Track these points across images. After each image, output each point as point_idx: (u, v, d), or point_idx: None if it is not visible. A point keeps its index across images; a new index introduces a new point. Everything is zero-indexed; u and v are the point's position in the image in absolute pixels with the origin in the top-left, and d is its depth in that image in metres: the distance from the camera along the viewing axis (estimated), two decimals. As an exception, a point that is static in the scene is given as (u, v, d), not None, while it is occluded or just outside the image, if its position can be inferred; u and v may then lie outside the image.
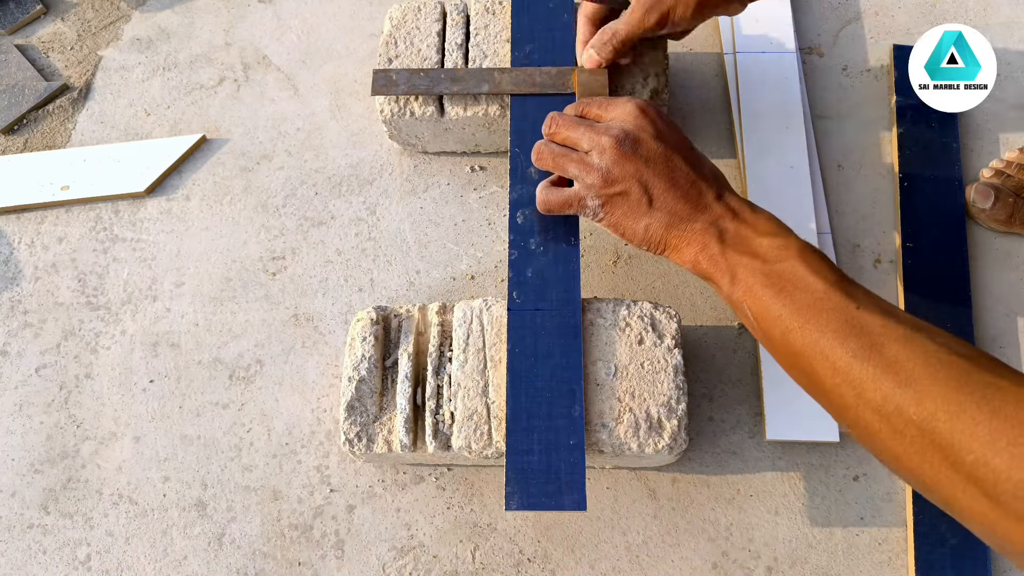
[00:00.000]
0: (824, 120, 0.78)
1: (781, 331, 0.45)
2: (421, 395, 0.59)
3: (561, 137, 0.55)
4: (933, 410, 0.37)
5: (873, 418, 0.40)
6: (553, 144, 0.56)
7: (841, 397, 0.42)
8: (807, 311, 0.44)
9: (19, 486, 0.66)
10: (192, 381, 0.69)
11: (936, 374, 0.38)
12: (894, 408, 0.39)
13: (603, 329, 0.58)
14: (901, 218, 0.72)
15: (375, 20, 0.85)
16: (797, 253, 0.47)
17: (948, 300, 0.69)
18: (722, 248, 0.49)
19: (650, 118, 0.53)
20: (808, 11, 0.83)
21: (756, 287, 0.47)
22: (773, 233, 0.49)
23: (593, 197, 0.53)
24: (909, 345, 0.40)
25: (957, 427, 0.36)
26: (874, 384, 0.40)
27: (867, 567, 0.61)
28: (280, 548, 0.63)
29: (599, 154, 0.52)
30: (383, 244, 0.73)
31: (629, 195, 0.52)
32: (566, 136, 0.55)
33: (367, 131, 0.79)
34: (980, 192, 0.70)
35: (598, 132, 0.53)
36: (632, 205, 0.52)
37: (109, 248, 0.74)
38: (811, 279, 0.45)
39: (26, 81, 0.82)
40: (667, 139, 0.53)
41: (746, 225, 0.50)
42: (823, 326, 0.43)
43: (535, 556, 0.62)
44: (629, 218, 0.52)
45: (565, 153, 0.54)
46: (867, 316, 0.42)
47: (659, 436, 0.56)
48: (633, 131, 0.52)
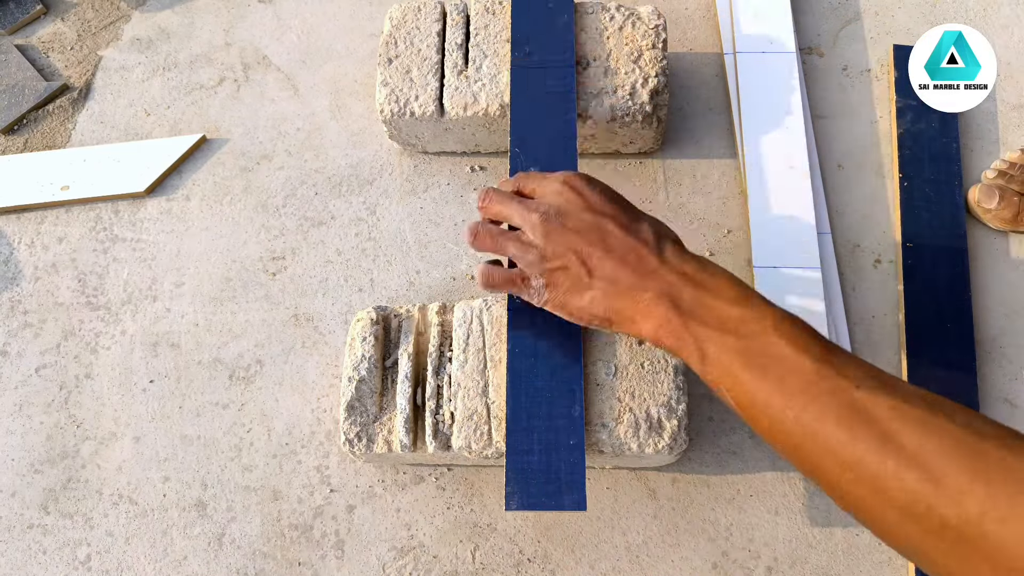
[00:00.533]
0: (824, 120, 0.78)
1: (770, 420, 0.41)
2: (421, 395, 0.59)
3: (493, 212, 0.54)
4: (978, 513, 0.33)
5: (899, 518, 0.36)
6: (490, 224, 0.54)
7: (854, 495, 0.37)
8: (799, 397, 0.39)
9: (19, 486, 0.66)
10: (192, 381, 0.69)
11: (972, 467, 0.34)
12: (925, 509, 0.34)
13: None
14: (901, 218, 0.72)
15: (375, 20, 0.85)
16: (773, 326, 0.42)
17: (948, 300, 0.69)
18: (683, 320, 0.45)
19: (576, 189, 0.52)
20: (808, 11, 0.83)
21: (733, 369, 0.42)
22: (740, 301, 0.44)
23: (536, 276, 0.51)
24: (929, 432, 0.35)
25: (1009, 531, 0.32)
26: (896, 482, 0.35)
27: (867, 567, 0.61)
28: (280, 548, 0.63)
29: (531, 231, 0.51)
30: (383, 244, 0.73)
31: (569, 269, 0.49)
32: (498, 210, 0.54)
33: (367, 131, 0.79)
34: (985, 191, 0.70)
35: (529, 209, 0.52)
36: (572, 280, 0.49)
37: (109, 248, 0.74)
38: (797, 358, 0.40)
39: (26, 81, 0.82)
40: (596, 207, 0.51)
41: (704, 291, 0.45)
42: (821, 415, 0.38)
43: (535, 556, 0.62)
44: (572, 294, 0.50)
45: (502, 233, 0.53)
46: (871, 398, 0.38)
47: (659, 436, 0.56)
48: (561, 204, 0.51)
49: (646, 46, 0.68)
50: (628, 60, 0.67)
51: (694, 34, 0.82)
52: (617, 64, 0.67)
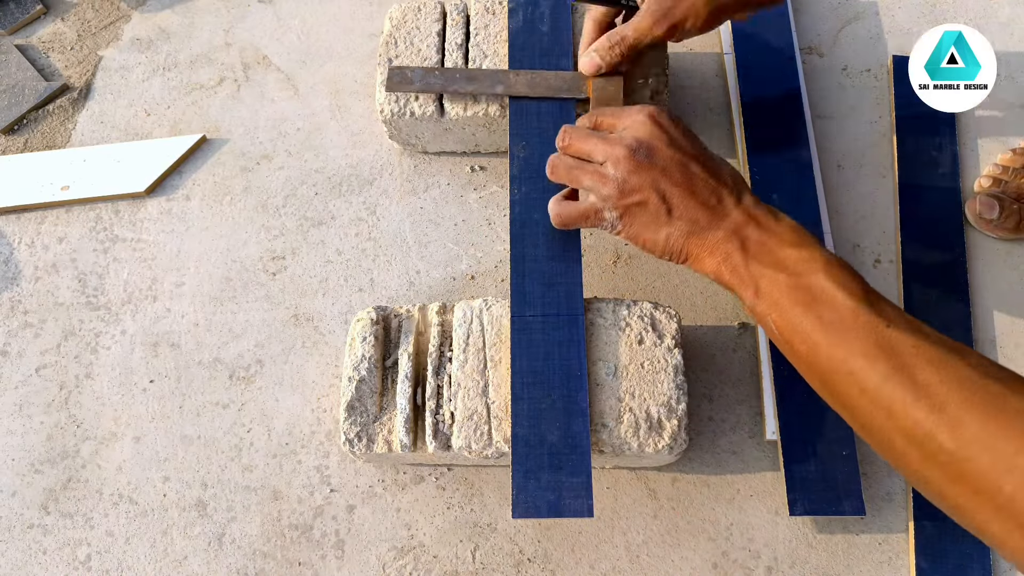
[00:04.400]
0: (824, 120, 0.78)
1: (808, 348, 0.44)
2: (421, 395, 0.59)
3: (575, 150, 0.54)
4: (969, 438, 0.36)
5: (903, 442, 0.39)
6: (567, 157, 0.55)
7: (870, 418, 0.41)
8: (835, 328, 0.43)
9: (19, 486, 0.66)
10: (192, 381, 0.69)
11: (971, 399, 0.37)
12: (925, 434, 0.38)
13: (603, 329, 0.58)
14: (901, 218, 0.72)
15: (375, 20, 0.85)
16: (823, 266, 0.46)
17: (948, 300, 0.69)
18: (745, 259, 0.48)
19: (663, 126, 0.52)
20: (808, 11, 0.83)
21: (781, 301, 0.46)
22: (798, 244, 0.48)
23: (610, 209, 0.52)
24: (942, 368, 0.39)
25: (994, 456, 0.35)
26: (905, 408, 0.39)
27: (867, 567, 0.61)
28: (280, 548, 0.63)
29: (614, 165, 0.51)
30: (383, 244, 0.73)
31: (647, 205, 0.51)
32: (579, 148, 0.54)
33: (367, 131, 0.79)
34: (984, 203, 0.70)
35: (611, 143, 0.52)
36: (651, 215, 0.51)
37: (109, 248, 0.74)
38: (839, 295, 0.44)
39: (26, 81, 0.82)
40: (682, 146, 0.52)
41: (769, 234, 0.49)
42: (852, 345, 0.42)
43: (535, 556, 0.62)
44: (649, 229, 0.51)
45: (579, 165, 0.53)
46: (898, 335, 0.41)
47: (659, 436, 0.56)
48: (647, 140, 0.51)
49: (646, 46, 0.68)
50: (628, 60, 0.67)
51: (694, 34, 0.82)
52: (617, 64, 0.67)
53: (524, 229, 0.60)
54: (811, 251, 0.47)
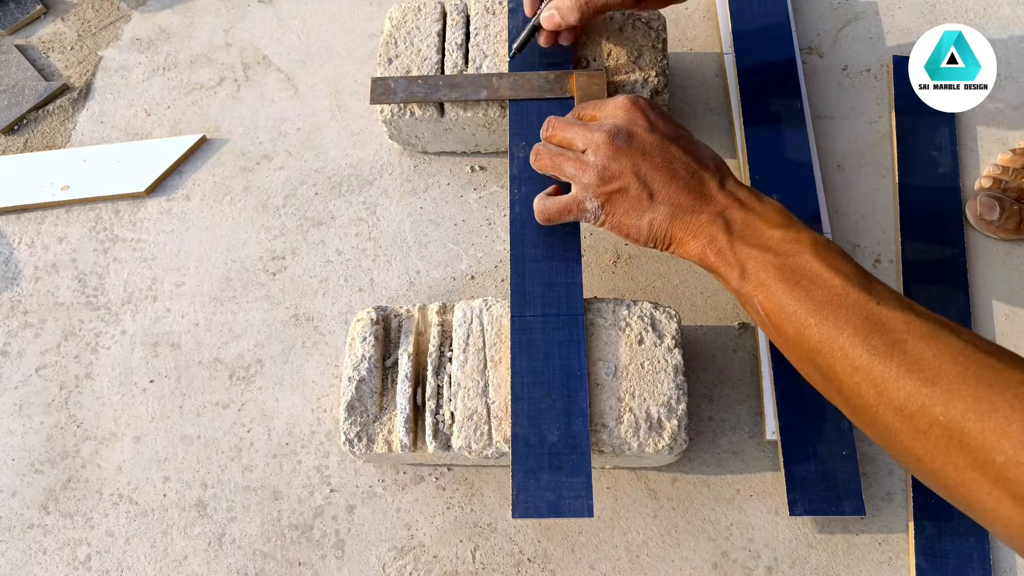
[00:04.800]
0: (824, 120, 0.78)
1: (796, 328, 0.44)
2: (421, 395, 0.59)
3: (557, 139, 0.55)
4: (962, 409, 0.36)
5: (894, 418, 0.39)
6: (550, 146, 0.56)
7: (860, 396, 0.41)
8: (824, 307, 0.43)
9: (19, 486, 0.66)
10: (192, 381, 0.69)
11: (964, 372, 0.37)
12: (918, 407, 0.38)
13: (603, 329, 0.58)
14: (901, 218, 0.72)
15: (375, 20, 0.85)
16: (811, 246, 0.45)
17: (947, 300, 0.69)
18: (730, 240, 0.48)
19: (641, 110, 0.53)
20: (808, 11, 0.83)
21: (768, 282, 0.45)
22: (784, 225, 0.47)
23: (592, 198, 0.52)
24: (934, 342, 0.39)
25: (988, 427, 0.35)
26: (897, 382, 0.39)
27: (867, 567, 0.61)
28: (280, 548, 0.63)
29: (594, 152, 0.52)
30: (383, 244, 0.73)
31: (628, 191, 0.51)
32: (562, 137, 0.55)
33: (367, 131, 0.79)
34: (985, 205, 0.70)
35: (591, 130, 0.53)
36: (632, 201, 0.51)
37: (109, 248, 0.74)
38: (827, 274, 0.44)
39: (26, 81, 0.82)
40: (661, 129, 0.52)
41: (754, 215, 0.48)
42: (841, 322, 0.42)
43: (535, 556, 0.62)
44: (631, 215, 0.51)
45: (561, 152, 0.54)
46: (888, 312, 0.41)
47: (659, 436, 0.56)
48: (625, 125, 0.52)
49: (646, 46, 0.68)
50: (628, 60, 0.67)
51: (694, 34, 0.82)
52: (617, 64, 0.67)
53: (524, 229, 0.60)
54: (798, 231, 0.47)
